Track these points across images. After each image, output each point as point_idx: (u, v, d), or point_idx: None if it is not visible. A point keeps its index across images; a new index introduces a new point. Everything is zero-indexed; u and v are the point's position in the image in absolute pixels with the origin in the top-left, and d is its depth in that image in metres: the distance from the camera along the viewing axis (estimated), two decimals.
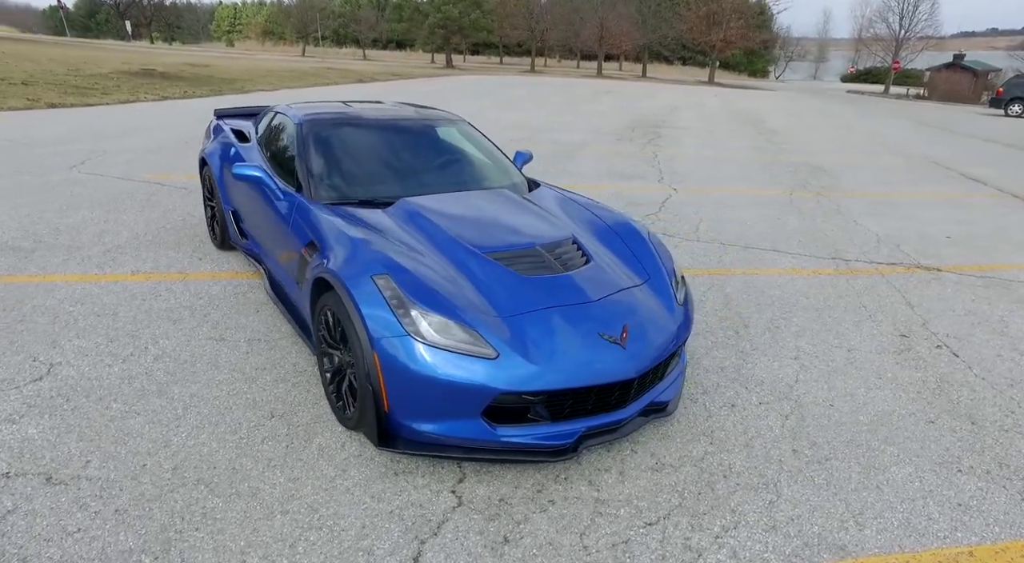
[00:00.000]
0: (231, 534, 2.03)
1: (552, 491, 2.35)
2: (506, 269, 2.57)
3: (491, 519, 2.19)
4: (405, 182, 3.35)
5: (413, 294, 2.32)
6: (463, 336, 2.25)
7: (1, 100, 12.00)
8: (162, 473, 2.28)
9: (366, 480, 2.34)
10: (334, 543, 2.04)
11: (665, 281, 2.85)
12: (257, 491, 2.24)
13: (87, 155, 7.68)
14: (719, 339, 3.71)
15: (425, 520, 2.17)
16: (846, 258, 5.43)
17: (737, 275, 4.84)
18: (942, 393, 3.25)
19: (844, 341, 3.79)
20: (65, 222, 5.03)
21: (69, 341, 3.16)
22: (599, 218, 3.25)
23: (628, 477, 2.46)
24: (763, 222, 6.47)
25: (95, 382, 2.82)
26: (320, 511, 2.17)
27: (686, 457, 2.60)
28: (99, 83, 15.24)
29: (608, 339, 2.39)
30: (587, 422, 2.38)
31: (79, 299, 3.64)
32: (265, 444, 2.50)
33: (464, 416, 2.25)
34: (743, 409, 2.98)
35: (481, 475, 2.41)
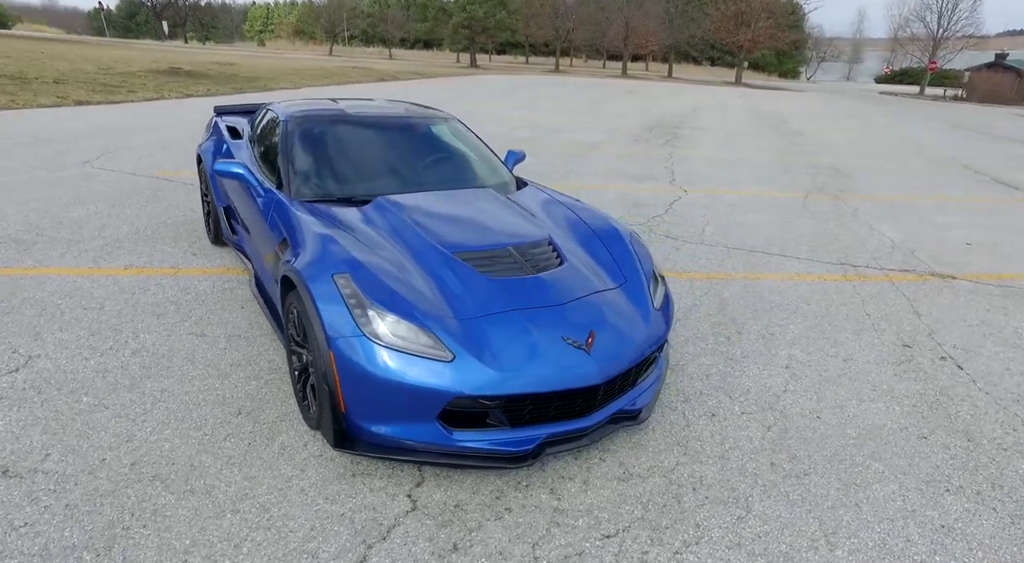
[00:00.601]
0: (178, 532, 2.02)
1: (511, 498, 2.29)
2: (473, 270, 2.52)
3: (443, 525, 2.14)
4: (386, 180, 3.32)
5: (372, 294, 2.28)
6: (420, 338, 2.20)
7: (32, 98, 12.36)
8: (120, 468, 2.28)
9: (323, 481, 2.31)
10: (279, 545, 2.00)
11: (642, 285, 2.77)
12: (212, 489, 2.23)
13: (103, 151, 7.84)
14: (708, 345, 3.59)
15: (376, 524, 2.12)
16: (855, 264, 5.25)
17: (737, 280, 4.70)
18: (940, 407, 3.10)
19: (841, 350, 3.65)
20: (69, 216, 5.12)
21: (52, 334, 3.20)
22: (581, 220, 3.18)
23: (592, 486, 2.38)
24: (773, 225, 6.30)
25: (69, 375, 2.85)
26: (271, 511, 2.14)
27: (656, 467, 2.51)
28: (127, 81, 15.61)
29: (573, 344, 2.31)
30: (549, 429, 2.31)
31: (69, 292, 3.70)
32: (228, 441, 2.49)
33: (420, 419, 2.20)
34: (723, 419, 2.87)
35: (440, 479, 2.36)
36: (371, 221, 2.83)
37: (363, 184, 3.25)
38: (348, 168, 3.34)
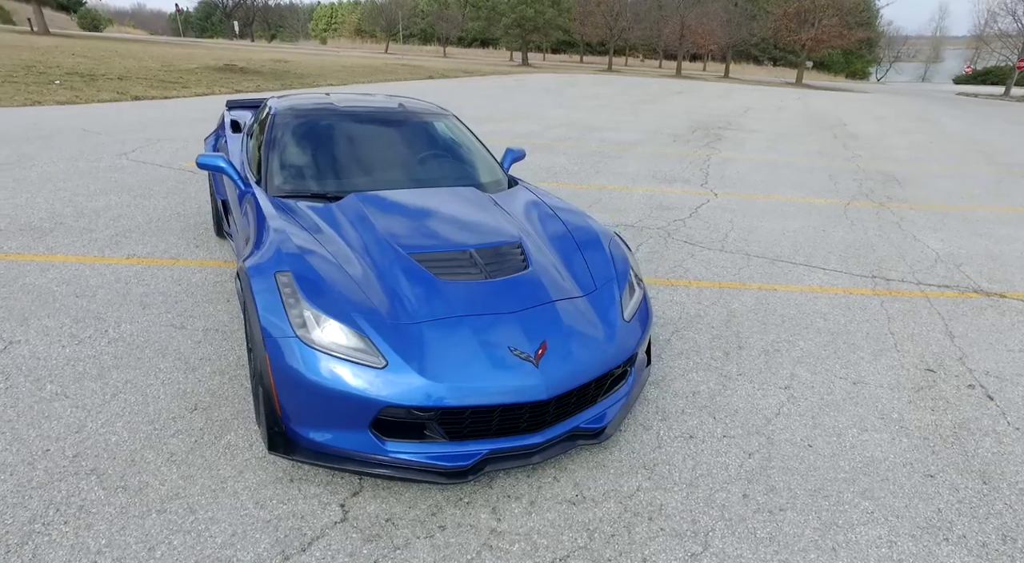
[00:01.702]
0: (96, 531, 1.98)
1: (447, 515, 2.15)
2: (426, 272, 2.40)
3: (369, 540, 2.03)
4: (365, 177, 3.24)
5: (310, 295, 2.19)
6: (353, 342, 2.09)
7: (95, 93, 13.03)
8: (60, 460, 2.28)
9: (258, 484, 2.24)
10: (195, 550, 1.94)
11: (614, 295, 2.58)
12: (145, 486, 2.19)
13: (142, 143, 8.14)
14: (703, 360, 3.35)
15: (300, 534, 2.03)
16: (888, 277, 4.85)
17: (752, 290, 4.41)
18: (956, 442, 2.77)
19: (853, 372, 3.33)
20: (91, 205, 5.30)
21: (39, 320, 3.28)
22: (561, 222, 3.01)
23: (538, 508, 2.22)
24: (804, 233, 5.91)
25: (41, 362, 2.89)
26: (197, 514, 2.08)
27: (613, 491, 2.32)
28: (183, 78, 16.29)
29: (519, 355, 2.16)
30: (491, 445, 2.17)
31: (67, 280, 3.79)
32: (175, 437, 2.45)
33: (352, 427, 2.10)
34: (701, 441, 2.65)
35: (379, 490, 2.25)
36: (336, 218, 2.75)
37: (341, 180, 3.18)
38: (328, 163, 3.28)
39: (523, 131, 11.84)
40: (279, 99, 3.83)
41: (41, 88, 12.89)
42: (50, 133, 8.64)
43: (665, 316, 3.88)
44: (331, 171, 3.23)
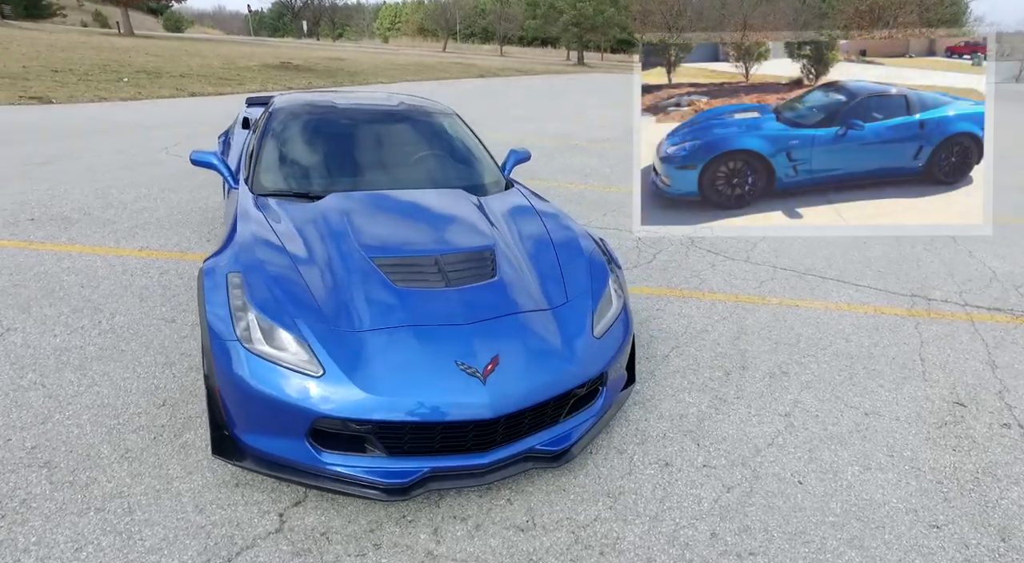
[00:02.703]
0: (30, 527, 1.98)
1: (385, 533, 2.05)
2: (384, 277, 2.30)
3: (298, 554, 1.95)
4: (351, 177, 3.18)
5: (257, 297, 2.14)
6: (292, 348, 2.02)
7: (156, 90, 13.70)
8: (18, 451, 2.31)
9: (203, 487, 2.20)
10: (121, 553, 1.91)
11: (585, 308, 2.41)
12: (92, 483, 2.18)
13: (183, 138, 8.45)
14: (700, 379, 3.13)
15: (230, 543, 1.98)
16: (931, 297, 4.44)
17: (770, 305, 4.11)
18: (977, 489, 2.46)
19: (866, 401, 3.04)
20: (121, 198, 5.50)
21: (40, 309, 3.38)
22: (545, 230, 2.86)
23: (482, 532, 2.09)
24: (841, 245, 5.50)
25: (30, 350, 2.97)
26: (135, 514, 2.06)
27: (568, 520, 2.16)
28: (240, 75, 16.93)
29: (466, 370, 2.03)
30: (432, 462, 2.05)
31: (78, 269, 3.91)
32: (135, 433, 2.45)
33: (289, 435, 2.03)
34: (677, 470, 2.45)
35: (321, 501, 2.17)
36: (310, 218, 2.69)
37: (325, 180, 3.13)
38: (314, 163, 3.24)
39: (563, 131, 11.64)
40: (282, 97, 3.83)
41: (110, 85, 13.65)
42: (106, 128, 9.10)
43: (668, 330, 3.66)
44: (317, 171, 3.19)
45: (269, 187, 3.04)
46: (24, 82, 13.06)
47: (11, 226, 4.63)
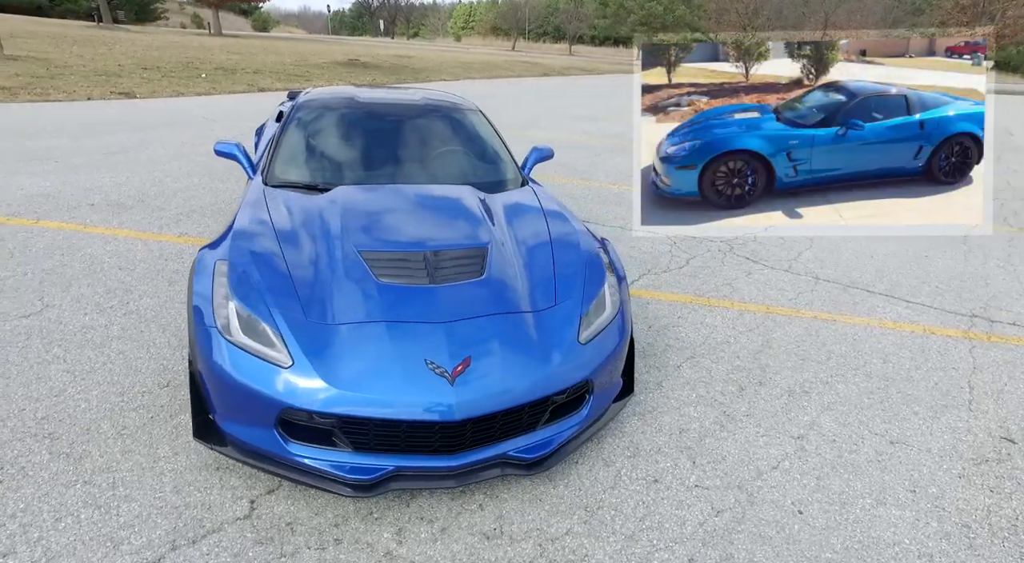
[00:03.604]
0: (22, 494, 2.08)
1: (349, 529, 2.04)
2: (368, 272, 2.29)
3: (260, 543, 1.97)
4: (361, 171, 3.20)
5: (238, 286, 2.18)
6: (265, 338, 2.04)
7: (230, 85, 14.44)
8: (28, 421, 2.45)
9: (186, 468, 2.26)
10: (96, 526, 1.98)
11: (573, 313, 2.32)
12: (85, 456, 2.29)
13: (245, 130, 8.81)
14: (710, 393, 2.96)
15: (198, 525, 2.02)
16: (994, 318, 4.03)
17: (804, 318, 3.85)
18: (1013, 539, 2.20)
19: (895, 428, 2.78)
20: (174, 186, 5.80)
21: (78, 288, 3.60)
22: (547, 231, 2.77)
23: (447, 537, 2.04)
24: (898, 258, 5.09)
25: (60, 326, 3.16)
26: (117, 490, 2.14)
27: (538, 531, 2.08)
28: (309, 71, 17.59)
29: (435, 370, 1.99)
30: (398, 461, 2.02)
31: (120, 253, 4.14)
32: (135, 411, 2.55)
33: (260, 424, 2.04)
34: (665, 488, 2.31)
35: (293, 491, 2.18)
36: (311, 210, 2.72)
37: (335, 173, 3.17)
38: (326, 156, 3.28)
39: (614, 131, 11.42)
40: (309, 91, 3.92)
41: (188, 81, 14.50)
42: (176, 121, 9.65)
43: (685, 339, 3.48)
44: (329, 164, 3.23)
45: (281, 178, 3.10)
46: (117, 79, 14.06)
47: (73, 210, 4.97)
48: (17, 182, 5.67)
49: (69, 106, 10.83)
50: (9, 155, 6.71)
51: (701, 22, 48.25)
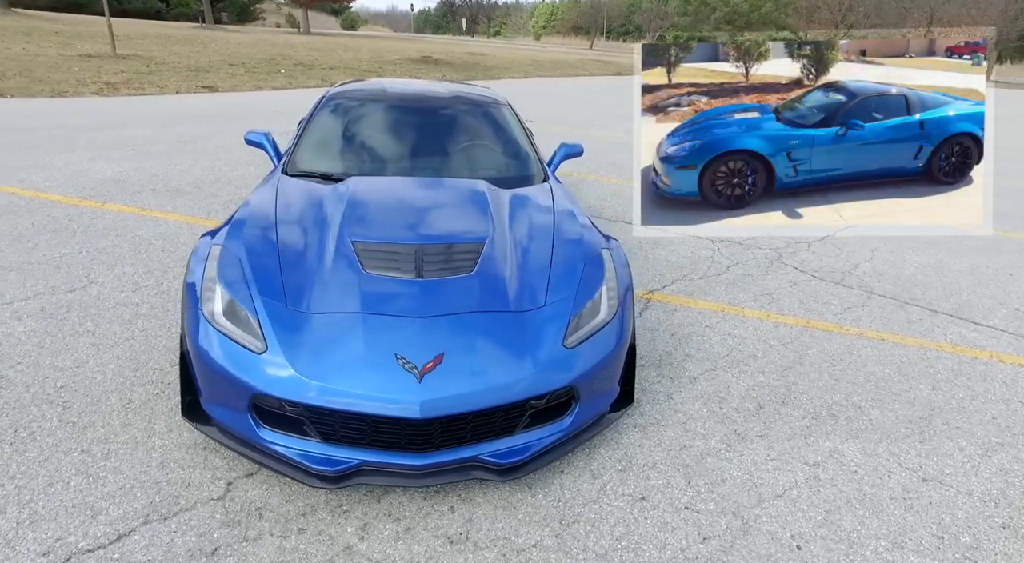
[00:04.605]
0: (26, 457, 2.21)
1: (315, 519, 2.03)
2: (356, 262, 2.28)
3: (227, 524, 1.99)
4: (376, 162, 3.22)
5: (225, 271, 2.22)
6: (244, 323, 2.07)
7: (305, 80, 15.08)
8: (49, 388, 2.60)
9: (176, 445, 2.33)
10: (82, 493, 2.06)
11: (563, 315, 2.21)
12: (90, 426, 2.40)
13: None
14: (723, 410, 2.75)
15: (173, 502, 2.06)
16: None
17: (847, 335, 3.53)
18: None
19: (931, 464, 2.49)
20: (230, 174, 6.08)
21: (122, 267, 3.82)
22: (552, 230, 2.67)
23: (410, 538, 1.99)
24: (972, 274, 4.59)
25: (99, 301, 3.35)
26: (109, 461, 2.23)
27: (505, 540, 1.99)
28: (381, 68, 18.09)
29: (404, 365, 1.94)
30: (364, 455, 1.99)
31: (167, 235, 4.37)
32: (143, 387, 2.66)
33: (235, 408, 2.07)
34: (651, 508, 2.16)
35: (270, 476, 2.20)
36: (313, 199, 2.75)
37: (351, 163, 3.19)
38: (344, 147, 3.31)
39: None
40: (343, 84, 3.97)
41: (268, 76, 15.26)
42: (249, 113, 10.15)
43: (708, 350, 3.27)
44: (345, 154, 3.26)
45: (299, 168, 3.16)
46: (204, 74, 15.00)
47: (136, 195, 5.30)
48: (96, 167, 6.12)
49: (159, 99, 11.64)
50: (97, 143, 7.27)
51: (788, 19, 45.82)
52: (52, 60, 15.09)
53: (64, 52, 16.64)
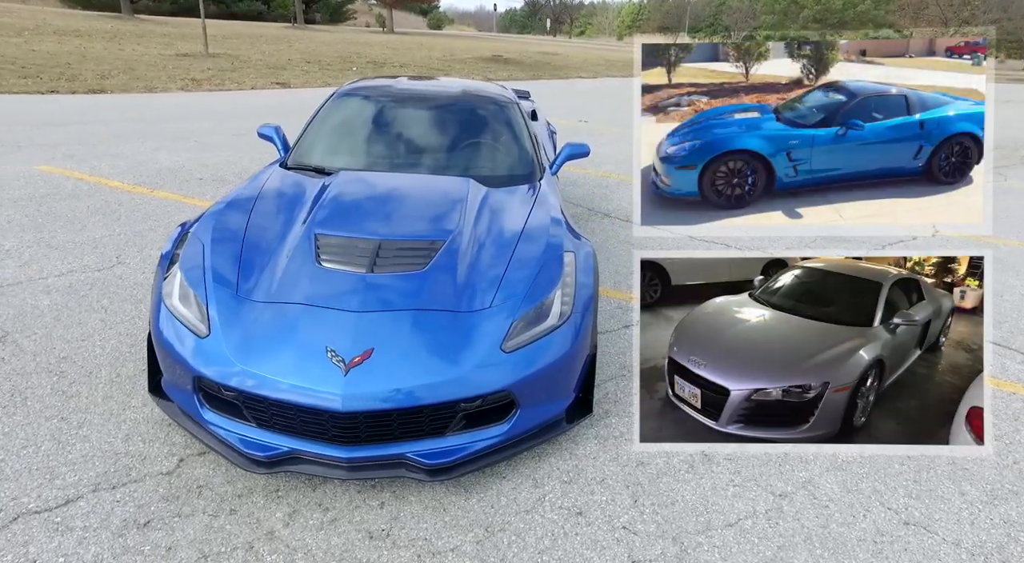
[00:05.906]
0: (12, 421, 2.39)
1: (248, 502, 2.08)
2: (312, 254, 2.33)
3: (166, 499, 2.08)
4: (370, 158, 3.27)
5: (188, 256, 2.32)
6: (192, 307, 2.16)
7: None
8: (51, 358, 2.81)
9: (145, 420, 2.45)
10: (48, 458, 2.21)
11: (506, 318, 2.15)
12: (75, 395, 2.57)
13: None
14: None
15: (126, 473, 2.18)
16: None
17: None
18: None
19: (920, 507, 2.24)
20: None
21: (150, 250, 4.08)
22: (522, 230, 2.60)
23: (333, 528, 2.00)
24: None
25: (120, 282, 3.60)
26: (82, 430, 2.38)
27: (423, 542, 1.97)
28: (450, 66, 18.43)
29: (332, 358, 1.96)
30: (292, 443, 2.02)
31: None
32: (133, 363, 2.82)
33: (184, 388, 2.16)
34: (586, 525, 2.07)
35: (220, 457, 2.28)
36: (294, 191, 2.83)
37: (343, 158, 3.26)
38: (342, 142, 3.38)
39: None
40: (359, 80, 4.06)
41: (340, 73, 15.89)
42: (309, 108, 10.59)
43: None
44: (340, 150, 3.34)
45: (297, 161, 3.26)
46: (281, 71, 15.84)
47: (184, 183, 5.67)
48: (157, 157, 6.59)
49: (234, 94, 12.39)
50: (164, 134, 7.83)
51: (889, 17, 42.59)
52: (152, 59, 16.40)
53: (164, 52, 18.05)
